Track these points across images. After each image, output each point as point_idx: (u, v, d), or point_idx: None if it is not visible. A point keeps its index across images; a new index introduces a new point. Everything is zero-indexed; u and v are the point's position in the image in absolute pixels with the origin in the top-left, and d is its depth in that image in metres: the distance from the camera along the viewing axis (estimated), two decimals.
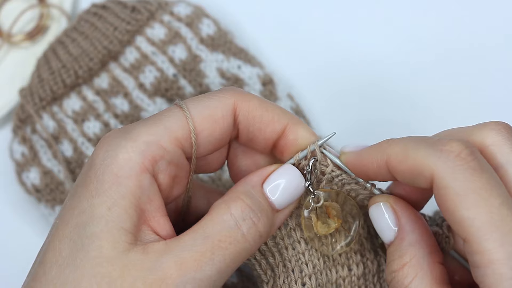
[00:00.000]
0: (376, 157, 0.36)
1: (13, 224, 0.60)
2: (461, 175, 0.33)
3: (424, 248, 0.36)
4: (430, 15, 0.63)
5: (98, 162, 0.36)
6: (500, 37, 0.61)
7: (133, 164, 0.35)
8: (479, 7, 0.62)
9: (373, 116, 0.61)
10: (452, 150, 0.33)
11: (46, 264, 0.35)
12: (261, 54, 0.61)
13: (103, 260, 0.34)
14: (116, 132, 0.37)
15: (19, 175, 0.59)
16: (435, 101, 0.60)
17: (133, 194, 0.35)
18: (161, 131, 0.37)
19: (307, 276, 0.40)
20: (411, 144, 0.35)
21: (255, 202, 0.37)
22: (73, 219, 0.35)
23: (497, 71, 0.60)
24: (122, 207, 0.35)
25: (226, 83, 0.58)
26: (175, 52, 0.59)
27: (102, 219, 0.34)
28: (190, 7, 0.60)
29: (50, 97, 0.59)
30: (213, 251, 0.35)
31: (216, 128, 0.38)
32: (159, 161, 0.36)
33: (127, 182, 0.35)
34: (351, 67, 0.62)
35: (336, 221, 0.41)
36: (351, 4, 0.64)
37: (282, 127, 0.39)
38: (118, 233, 0.34)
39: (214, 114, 0.38)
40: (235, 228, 0.36)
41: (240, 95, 0.39)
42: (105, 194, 0.35)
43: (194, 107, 0.38)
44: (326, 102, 0.61)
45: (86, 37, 0.59)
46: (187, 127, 0.37)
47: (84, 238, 0.34)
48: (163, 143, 0.36)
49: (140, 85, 0.59)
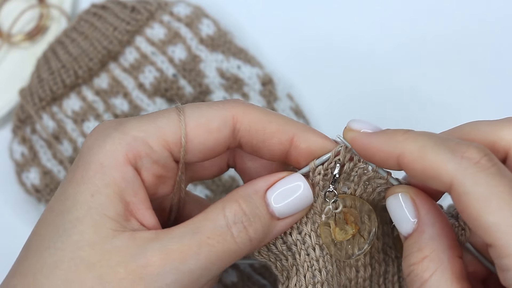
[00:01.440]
0: (388, 147, 0.35)
1: (13, 224, 0.60)
2: (483, 180, 0.32)
3: (444, 242, 0.36)
4: (431, 15, 0.63)
5: (85, 150, 0.36)
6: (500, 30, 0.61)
7: (118, 155, 0.36)
8: (478, 5, 0.62)
9: (373, 116, 0.61)
10: (472, 157, 0.33)
11: (29, 249, 0.35)
12: (261, 54, 0.61)
13: (84, 244, 0.34)
14: (108, 123, 0.38)
15: (19, 175, 0.59)
16: (437, 99, 0.60)
17: (116, 184, 0.35)
18: (151, 129, 0.37)
19: (319, 283, 0.39)
20: (430, 145, 0.34)
21: (251, 207, 0.37)
22: (58, 205, 0.36)
23: (501, 68, 0.60)
24: (105, 195, 0.35)
25: (226, 83, 0.59)
26: (175, 52, 0.59)
27: (85, 205, 0.35)
28: (190, 7, 0.60)
29: (50, 97, 0.59)
30: (200, 246, 0.35)
31: (209, 138, 0.37)
32: (144, 158, 0.36)
33: (111, 171, 0.35)
34: (351, 67, 0.62)
35: (354, 227, 0.40)
36: (351, 4, 0.64)
37: (288, 138, 0.38)
38: (100, 219, 0.34)
39: (209, 123, 0.37)
40: (225, 229, 0.36)
41: (241, 108, 0.38)
42: (89, 182, 0.35)
43: (191, 113, 0.37)
44: (326, 102, 0.61)
45: (86, 37, 0.59)
46: (179, 131, 0.37)
47: (67, 222, 0.34)
48: (150, 141, 0.36)
49: (140, 85, 0.59)
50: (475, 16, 0.62)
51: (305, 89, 0.61)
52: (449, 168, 0.33)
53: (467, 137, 0.36)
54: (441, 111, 0.60)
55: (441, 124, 0.59)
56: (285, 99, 0.59)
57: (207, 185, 0.57)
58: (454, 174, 0.33)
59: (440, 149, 0.34)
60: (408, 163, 0.35)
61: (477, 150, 0.33)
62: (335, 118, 0.61)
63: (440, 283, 0.34)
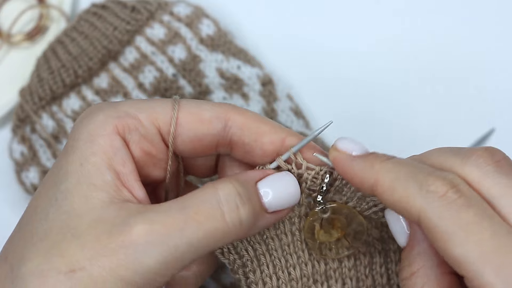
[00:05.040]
0: (364, 175, 0.36)
1: (13, 224, 0.60)
2: (448, 213, 0.32)
3: (433, 259, 0.36)
4: (429, 20, 0.63)
5: (77, 122, 0.37)
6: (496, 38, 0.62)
7: (107, 125, 0.36)
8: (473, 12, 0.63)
9: (373, 117, 0.61)
10: (438, 190, 0.33)
11: (22, 221, 0.36)
12: (261, 54, 0.61)
13: (73, 214, 0.34)
14: (104, 103, 0.39)
15: (18, 175, 0.59)
16: (433, 103, 0.60)
17: (104, 152, 0.36)
18: (143, 107, 0.38)
19: (291, 267, 0.41)
20: (400, 177, 0.35)
21: (245, 191, 0.36)
22: (51, 177, 0.36)
23: (495, 73, 0.61)
24: (93, 164, 0.35)
25: (226, 83, 0.59)
26: (175, 52, 0.59)
27: (75, 174, 0.35)
28: (190, 7, 0.60)
29: (50, 96, 0.59)
30: (187, 221, 0.34)
31: (200, 127, 0.38)
32: (132, 131, 0.37)
33: (99, 140, 0.36)
34: (351, 67, 0.62)
35: (339, 232, 0.41)
36: (351, 5, 0.64)
37: (280, 138, 0.39)
38: (89, 189, 0.35)
39: (201, 114, 0.38)
40: (216, 206, 0.35)
41: (234, 107, 0.39)
42: (78, 151, 0.36)
43: (186, 102, 0.38)
44: (326, 103, 0.61)
45: (86, 36, 0.59)
46: (170, 114, 0.38)
47: (58, 193, 0.35)
48: (140, 116, 0.37)
49: (140, 85, 0.59)
50: (471, 22, 0.62)
51: (305, 90, 0.61)
52: (416, 202, 0.33)
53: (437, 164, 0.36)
54: (440, 111, 0.60)
55: (439, 126, 0.60)
56: (285, 99, 0.59)
57: None
58: (420, 208, 0.33)
59: (408, 183, 0.34)
60: (380, 194, 0.35)
61: (443, 182, 0.33)
62: (335, 118, 0.61)
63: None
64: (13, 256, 0.35)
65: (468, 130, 0.59)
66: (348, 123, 0.61)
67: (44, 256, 0.33)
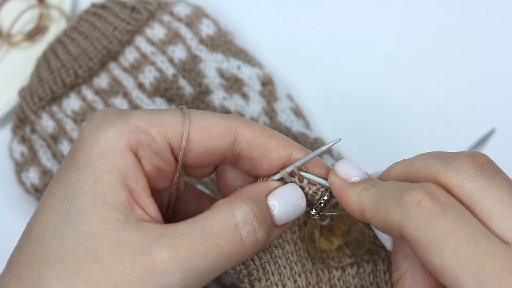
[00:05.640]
0: (353, 203, 0.37)
1: (12, 224, 0.60)
2: (423, 223, 0.32)
3: (417, 261, 0.36)
4: (429, 20, 0.63)
5: (87, 134, 0.36)
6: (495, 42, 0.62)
7: (120, 141, 0.36)
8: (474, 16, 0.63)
9: (373, 117, 0.61)
10: (412, 200, 0.33)
11: (31, 237, 0.35)
12: (261, 54, 0.61)
13: (91, 236, 0.33)
14: (110, 110, 0.38)
15: (18, 175, 0.59)
16: (434, 103, 0.60)
17: (118, 170, 0.35)
18: (154, 121, 0.37)
19: (297, 274, 0.40)
20: (379, 198, 0.35)
21: (260, 209, 0.37)
22: (60, 191, 0.35)
23: (496, 73, 0.61)
24: (107, 182, 0.35)
25: (226, 83, 0.59)
26: (175, 52, 0.59)
27: (89, 192, 0.34)
28: (190, 7, 0.60)
29: (50, 97, 0.59)
30: (208, 246, 0.34)
31: (210, 142, 0.38)
32: (145, 147, 0.36)
33: (113, 157, 0.35)
34: (351, 67, 0.62)
35: (340, 239, 0.41)
36: (351, 5, 0.64)
37: (287, 153, 0.39)
38: (105, 209, 0.34)
39: (212, 129, 0.38)
40: (235, 230, 0.36)
41: (243, 121, 0.39)
42: (91, 167, 0.35)
43: (196, 115, 0.38)
44: (326, 103, 0.61)
45: (86, 37, 0.59)
46: (180, 129, 0.37)
47: (72, 211, 0.34)
48: (152, 132, 0.37)
49: (140, 85, 0.59)
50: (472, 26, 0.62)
51: (305, 90, 0.61)
52: (394, 217, 0.33)
53: (417, 174, 0.36)
54: (441, 111, 0.60)
55: (437, 127, 0.60)
56: (285, 99, 0.59)
57: (207, 185, 0.57)
58: (398, 222, 0.33)
59: (386, 201, 0.34)
60: (369, 220, 0.36)
61: (417, 192, 0.33)
62: (335, 118, 0.61)
63: None
64: (28, 276, 0.34)
65: (469, 130, 0.59)
66: (348, 123, 0.61)
67: (65, 280, 0.33)
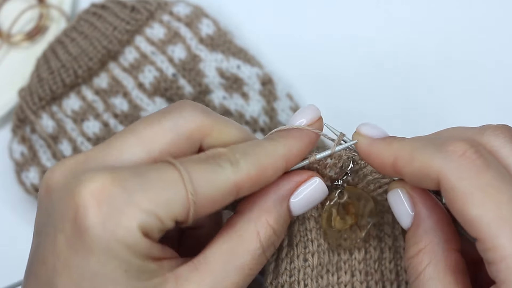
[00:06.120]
0: (384, 155, 0.37)
1: (12, 224, 0.60)
2: (466, 173, 0.32)
3: (439, 235, 0.36)
4: (430, 16, 0.63)
5: (99, 226, 0.33)
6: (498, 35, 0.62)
7: (133, 233, 0.34)
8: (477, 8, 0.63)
9: (373, 117, 0.61)
10: (456, 150, 0.33)
11: None
12: (261, 54, 0.61)
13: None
14: (110, 187, 0.34)
15: (18, 175, 0.59)
16: (434, 102, 0.60)
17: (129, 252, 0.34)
18: (161, 202, 0.34)
19: (310, 253, 0.41)
20: (417, 146, 0.35)
21: (280, 225, 0.38)
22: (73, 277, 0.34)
23: (497, 72, 0.61)
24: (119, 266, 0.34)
25: (226, 82, 0.59)
26: (175, 52, 0.59)
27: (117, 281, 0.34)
28: (190, 7, 0.60)
29: (50, 96, 0.59)
30: (245, 279, 0.36)
31: (214, 207, 0.36)
32: (154, 229, 0.35)
33: (123, 250, 0.34)
34: (351, 67, 0.62)
35: (353, 218, 0.41)
36: (351, 5, 0.64)
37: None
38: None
39: (215, 195, 0.36)
40: (262, 255, 0.37)
41: (246, 177, 0.36)
42: (108, 258, 0.33)
43: (199, 183, 0.35)
44: (326, 102, 0.61)
45: (86, 36, 0.59)
46: (187, 205, 0.35)
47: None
48: (161, 216, 0.34)
49: (140, 84, 0.59)
50: (474, 18, 0.62)
51: (304, 89, 0.61)
52: (435, 164, 0.33)
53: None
54: (441, 111, 0.60)
55: (441, 125, 0.59)
56: (285, 98, 0.59)
57: None
58: (439, 170, 0.33)
59: (426, 148, 0.34)
60: (401, 168, 0.36)
61: (462, 143, 0.33)
62: (335, 118, 0.61)
63: (433, 275, 0.35)
64: None
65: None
66: (348, 123, 0.61)
67: None
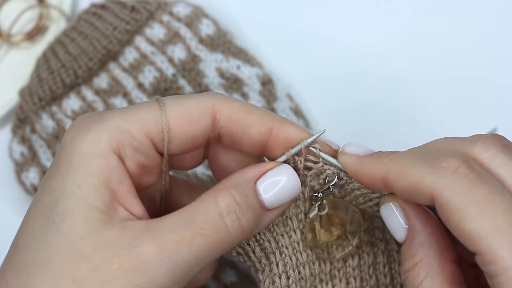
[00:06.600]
0: (374, 170, 0.37)
1: (12, 224, 0.60)
2: (460, 188, 0.33)
3: (435, 247, 0.36)
4: (430, 16, 0.63)
5: (68, 142, 0.36)
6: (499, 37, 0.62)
7: (100, 144, 0.36)
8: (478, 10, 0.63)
9: (373, 116, 0.61)
10: (449, 166, 0.33)
11: (18, 244, 0.35)
12: (261, 54, 0.61)
13: (75, 237, 0.34)
14: (89, 115, 0.38)
15: (18, 175, 0.59)
16: (434, 102, 0.60)
17: (101, 173, 0.35)
18: (133, 119, 0.37)
19: (301, 265, 0.41)
20: (408, 161, 0.35)
21: (243, 197, 0.37)
22: (44, 198, 0.36)
23: (497, 72, 0.61)
24: (91, 185, 0.35)
25: (225, 83, 0.59)
26: (175, 52, 0.59)
27: (72, 196, 0.35)
28: (190, 7, 0.60)
29: (50, 97, 0.59)
30: (194, 236, 0.35)
31: (190, 128, 0.38)
32: (126, 147, 0.37)
33: (95, 161, 0.36)
34: (351, 67, 0.62)
35: (339, 229, 0.41)
36: (350, 5, 0.64)
37: (267, 128, 0.39)
38: (89, 210, 0.34)
39: (189, 114, 0.38)
40: (219, 219, 0.36)
41: (221, 99, 0.39)
42: (74, 173, 0.35)
43: (171, 104, 0.38)
44: (326, 102, 0.61)
45: (86, 37, 0.59)
46: (160, 121, 0.37)
47: (55, 215, 0.34)
48: (132, 130, 0.37)
49: (140, 85, 0.59)
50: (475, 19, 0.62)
51: (304, 89, 0.61)
52: (428, 180, 0.33)
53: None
54: (442, 111, 0.60)
55: (440, 125, 0.60)
56: (285, 99, 0.59)
57: (208, 185, 0.57)
58: (433, 186, 0.33)
59: (418, 163, 0.34)
60: (392, 183, 0.36)
61: (454, 159, 0.34)
62: (335, 118, 0.61)
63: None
64: (17, 282, 0.34)
65: (469, 129, 0.59)
66: (348, 122, 0.61)
67: (53, 283, 0.33)
